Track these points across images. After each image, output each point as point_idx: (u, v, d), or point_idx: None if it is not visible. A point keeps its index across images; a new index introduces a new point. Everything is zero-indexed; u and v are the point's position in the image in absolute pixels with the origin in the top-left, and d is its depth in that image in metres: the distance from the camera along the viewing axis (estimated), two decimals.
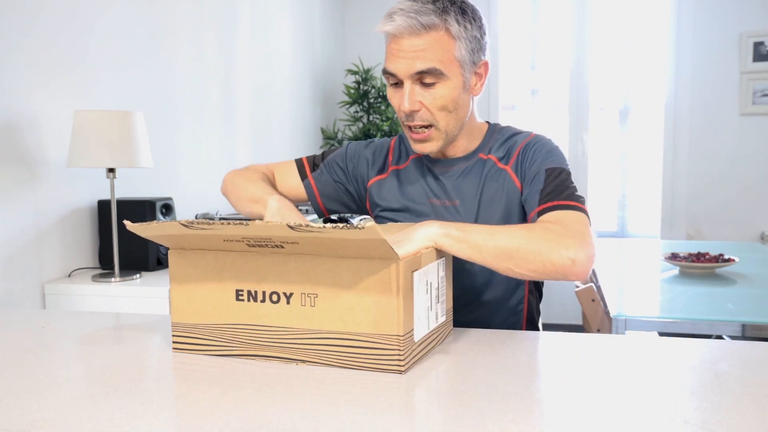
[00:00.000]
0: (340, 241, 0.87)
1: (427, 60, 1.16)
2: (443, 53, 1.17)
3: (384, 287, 0.89)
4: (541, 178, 1.22)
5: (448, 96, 1.20)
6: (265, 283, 0.96)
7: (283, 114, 4.10)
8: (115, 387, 0.88)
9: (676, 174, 4.47)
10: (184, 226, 0.91)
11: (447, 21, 1.17)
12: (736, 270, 2.47)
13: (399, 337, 0.90)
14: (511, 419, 0.76)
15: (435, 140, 1.24)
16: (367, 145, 1.46)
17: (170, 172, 2.96)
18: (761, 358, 0.97)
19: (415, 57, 1.16)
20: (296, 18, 4.24)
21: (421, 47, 1.16)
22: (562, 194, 1.17)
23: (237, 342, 0.99)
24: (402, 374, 0.90)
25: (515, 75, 4.77)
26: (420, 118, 1.21)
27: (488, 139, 1.34)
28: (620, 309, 1.93)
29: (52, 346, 1.08)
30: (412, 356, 0.93)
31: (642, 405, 0.80)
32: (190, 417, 0.77)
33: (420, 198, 1.36)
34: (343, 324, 0.92)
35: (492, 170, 1.30)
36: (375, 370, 0.91)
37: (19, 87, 2.19)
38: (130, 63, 2.70)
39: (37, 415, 0.79)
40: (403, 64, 1.18)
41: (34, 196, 2.25)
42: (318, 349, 0.94)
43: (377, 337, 0.91)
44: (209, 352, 1.01)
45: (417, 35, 1.16)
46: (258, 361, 0.98)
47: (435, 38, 1.16)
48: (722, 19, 4.31)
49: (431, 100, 1.20)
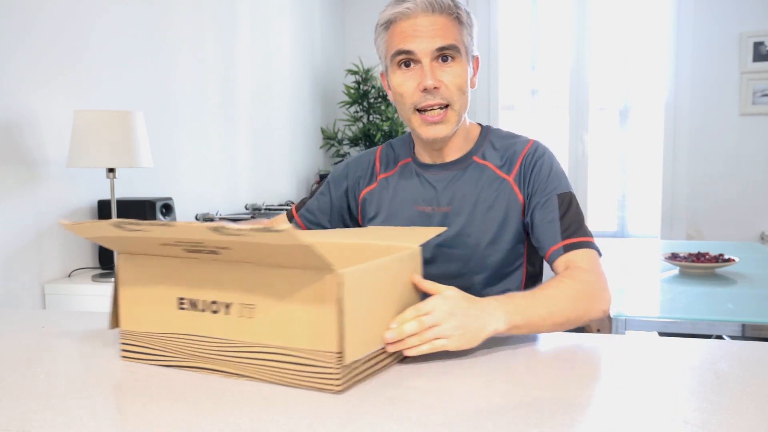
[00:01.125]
0: (267, 247, 0.81)
1: (447, 37, 1.19)
2: (457, 35, 1.20)
3: (319, 300, 0.83)
4: (553, 206, 1.23)
5: (463, 76, 1.22)
6: (205, 292, 0.91)
7: (283, 114, 4.10)
8: (116, 387, 0.88)
9: (676, 174, 4.47)
10: (116, 227, 0.86)
11: (458, 7, 1.21)
12: (736, 270, 2.47)
13: (335, 355, 0.83)
14: (511, 420, 0.76)
15: (450, 122, 1.23)
16: (351, 162, 1.44)
17: (170, 172, 2.96)
18: (761, 358, 0.97)
19: (434, 33, 1.18)
20: (296, 18, 4.24)
21: (440, 25, 1.18)
22: (579, 229, 1.21)
23: (181, 353, 0.94)
24: (338, 395, 0.84)
25: (515, 75, 4.76)
26: (441, 95, 1.20)
27: (481, 141, 1.33)
28: (620, 309, 1.93)
29: (52, 346, 1.08)
30: (352, 375, 0.86)
31: (642, 405, 0.79)
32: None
33: (406, 205, 1.33)
34: (280, 338, 0.86)
35: (490, 178, 1.28)
36: (311, 388, 0.85)
37: (19, 87, 2.19)
38: (130, 63, 2.70)
39: (37, 415, 0.79)
40: (423, 41, 1.18)
41: (34, 196, 2.25)
42: (256, 363, 0.88)
43: (313, 354, 0.84)
44: (156, 361, 0.97)
45: (433, 14, 1.18)
46: (201, 374, 0.93)
47: (449, 20, 1.20)
48: (722, 19, 4.31)
49: (451, 78, 1.20)
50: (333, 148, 4.70)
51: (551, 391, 0.85)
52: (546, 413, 0.77)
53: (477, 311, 0.97)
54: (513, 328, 1.00)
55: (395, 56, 1.21)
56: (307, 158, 4.45)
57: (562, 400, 0.81)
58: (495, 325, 0.98)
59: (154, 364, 0.97)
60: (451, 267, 1.29)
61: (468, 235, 1.27)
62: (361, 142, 4.47)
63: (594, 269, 1.16)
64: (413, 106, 1.22)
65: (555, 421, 0.75)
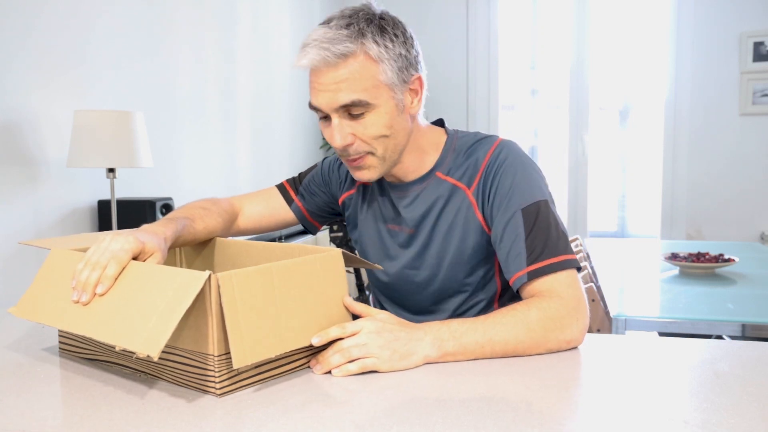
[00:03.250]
0: None
1: (350, 91, 1.06)
2: (367, 80, 1.07)
3: (200, 303, 0.83)
4: (517, 224, 1.11)
5: (381, 123, 1.10)
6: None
7: (283, 114, 4.10)
8: (116, 387, 0.88)
9: (676, 174, 4.47)
10: None
11: (364, 45, 1.06)
12: (736, 270, 2.47)
13: (213, 357, 0.83)
14: (511, 419, 0.76)
15: (373, 167, 1.14)
16: (339, 160, 1.38)
17: (170, 172, 2.96)
18: (761, 358, 0.97)
19: (336, 89, 1.06)
20: (296, 18, 4.24)
21: (341, 78, 1.05)
22: (548, 247, 1.08)
23: (100, 348, 0.97)
24: (219, 397, 0.83)
25: (515, 75, 4.77)
26: (355, 150, 1.12)
27: (446, 153, 1.22)
28: (620, 309, 1.93)
29: (52, 346, 1.08)
30: (237, 380, 0.85)
31: (642, 405, 0.80)
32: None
33: (375, 221, 1.29)
34: (172, 338, 0.86)
35: (451, 193, 1.20)
36: (196, 389, 0.86)
37: (19, 87, 2.19)
38: (130, 63, 2.70)
39: (37, 414, 0.79)
40: (325, 99, 1.08)
41: (34, 196, 2.25)
42: (153, 361, 0.90)
43: (197, 355, 0.85)
44: (86, 356, 1.00)
45: (334, 67, 1.05)
46: (114, 369, 0.95)
47: (355, 66, 1.06)
48: (722, 19, 4.31)
49: (362, 130, 1.10)
50: (332, 148, 4.70)
51: (551, 391, 0.85)
52: (546, 413, 0.77)
53: (405, 335, 0.95)
54: (446, 355, 0.97)
55: (310, 107, 1.13)
56: (307, 158, 4.45)
57: (562, 400, 0.81)
58: (424, 351, 0.95)
59: (85, 358, 1.00)
60: (414, 287, 1.26)
61: (430, 256, 1.22)
62: None
63: (562, 295, 1.04)
64: (338, 154, 1.17)
65: (555, 421, 0.75)
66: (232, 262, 1.20)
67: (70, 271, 0.96)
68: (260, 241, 1.21)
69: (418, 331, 0.97)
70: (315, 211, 1.42)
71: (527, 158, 1.18)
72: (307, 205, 1.42)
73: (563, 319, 1.02)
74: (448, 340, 0.97)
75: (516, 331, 0.99)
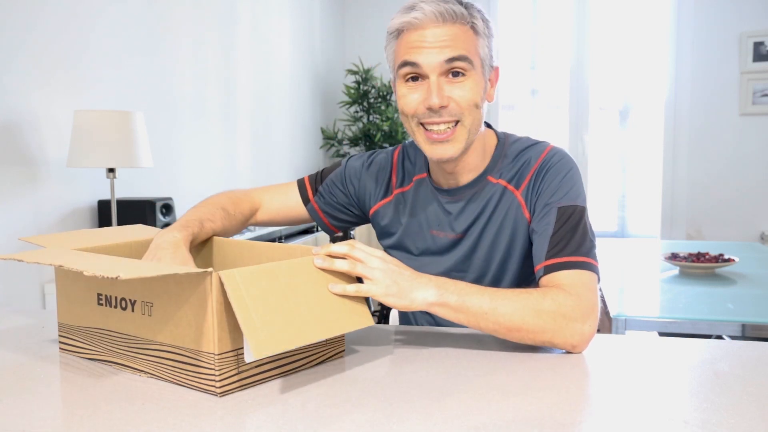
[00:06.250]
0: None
1: (458, 48, 1.08)
2: (471, 46, 1.09)
3: (201, 301, 0.83)
4: (551, 219, 1.11)
5: (476, 90, 1.11)
6: (116, 289, 0.94)
7: (283, 114, 4.10)
8: (116, 387, 0.88)
9: (676, 174, 4.48)
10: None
11: (473, 16, 1.10)
12: (736, 270, 2.47)
13: (214, 356, 0.83)
14: (511, 419, 0.76)
15: (458, 141, 1.12)
16: (368, 165, 1.34)
17: (170, 172, 2.96)
18: (761, 358, 0.97)
19: (444, 45, 1.07)
20: (296, 18, 4.24)
21: (450, 35, 1.08)
22: (570, 246, 1.08)
23: (100, 347, 0.98)
24: (219, 397, 0.83)
25: (515, 75, 4.77)
26: (449, 113, 1.10)
27: (498, 156, 1.22)
28: (620, 309, 1.93)
29: (52, 346, 1.08)
30: (238, 379, 0.85)
31: (642, 405, 0.79)
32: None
33: (421, 228, 1.26)
34: (172, 336, 0.87)
35: (502, 196, 1.19)
36: (195, 389, 0.85)
37: (19, 87, 2.19)
38: (130, 63, 2.70)
39: (37, 414, 0.79)
40: (431, 54, 1.08)
41: (34, 196, 2.25)
42: (153, 360, 0.90)
43: (197, 354, 0.85)
44: (85, 355, 1.01)
45: (444, 24, 1.08)
46: (114, 368, 0.96)
47: (462, 30, 1.09)
48: (722, 19, 4.31)
49: (461, 92, 1.10)
50: (333, 148, 4.70)
51: (551, 391, 0.85)
52: (546, 413, 0.77)
53: (410, 274, 0.98)
54: (445, 305, 0.97)
55: (401, 67, 1.11)
56: (307, 158, 4.45)
57: (562, 400, 0.81)
58: (424, 294, 0.97)
59: (84, 357, 1.01)
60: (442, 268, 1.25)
61: (477, 258, 1.22)
62: (361, 142, 4.47)
63: (578, 293, 1.02)
64: (417, 119, 1.13)
65: (555, 421, 0.75)
66: (233, 262, 1.20)
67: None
68: (260, 241, 1.21)
69: (423, 277, 0.99)
70: (331, 212, 1.38)
71: (576, 166, 1.19)
72: (324, 206, 1.38)
73: (572, 318, 0.99)
74: (452, 293, 0.98)
75: (524, 312, 0.98)
